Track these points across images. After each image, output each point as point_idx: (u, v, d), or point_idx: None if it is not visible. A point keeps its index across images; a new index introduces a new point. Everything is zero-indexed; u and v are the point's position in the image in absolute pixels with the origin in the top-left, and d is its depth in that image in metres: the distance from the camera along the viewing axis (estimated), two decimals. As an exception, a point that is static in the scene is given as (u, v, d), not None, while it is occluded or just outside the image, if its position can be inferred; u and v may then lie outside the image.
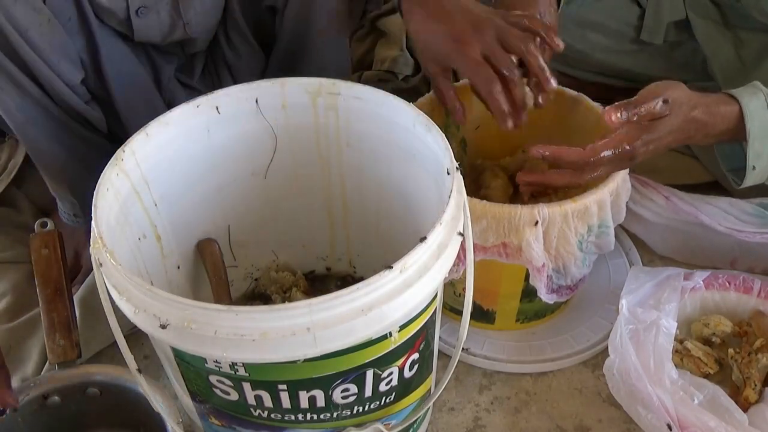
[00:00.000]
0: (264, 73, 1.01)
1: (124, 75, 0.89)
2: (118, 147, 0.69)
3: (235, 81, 0.99)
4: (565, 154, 0.77)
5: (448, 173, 0.64)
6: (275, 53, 0.98)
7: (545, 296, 0.83)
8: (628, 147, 0.76)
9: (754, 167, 0.82)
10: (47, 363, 0.84)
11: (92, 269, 0.62)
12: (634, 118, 0.75)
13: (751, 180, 0.84)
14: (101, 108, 0.90)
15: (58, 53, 0.81)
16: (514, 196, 0.95)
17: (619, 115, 0.74)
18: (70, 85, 0.84)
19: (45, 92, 0.83)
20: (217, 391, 0.63)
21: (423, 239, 0.58)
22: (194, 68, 0.99)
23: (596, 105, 0.92)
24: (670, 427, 0.75)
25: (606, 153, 0.76)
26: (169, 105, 0.88)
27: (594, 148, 0.76)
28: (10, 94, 0.82)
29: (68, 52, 0.83)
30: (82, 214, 0.98)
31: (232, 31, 0.97)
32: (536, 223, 0.77)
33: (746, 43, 1.05)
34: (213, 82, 1.01)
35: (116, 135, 0.93)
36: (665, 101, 0.75)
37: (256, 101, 0.77)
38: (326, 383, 0.61)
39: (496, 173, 0.97)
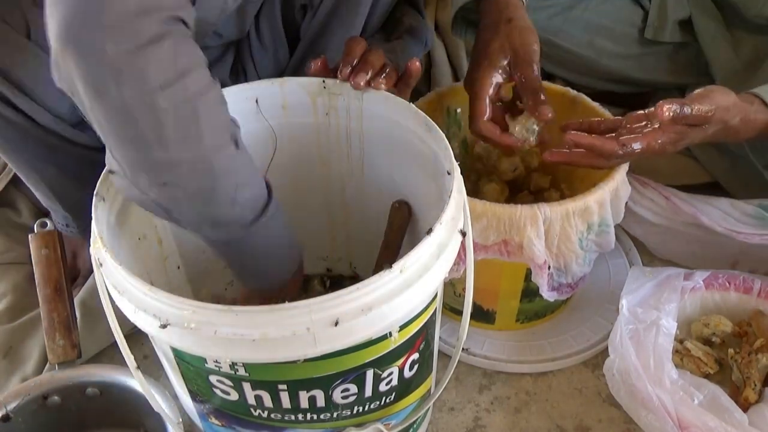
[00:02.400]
0: (284, 72, 1.00)
1: None
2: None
3: (260, 76, 0.99)
4: (598, 145, 0.76)
5: (449, 173, 0.64)
6: (298, 50, 0.97)
7: (546, 294, 0.83)
8: (660, 143, 0.76)
9: None
10: (47, 363, 0.84)
11: (91, 271, 0.61)
12: (681, 119, 0.75)
13: None
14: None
15: (44, 86, 0.78)
16: (510, 200, 0.95)
17: (670, 111, 0.73)
18: (56, 114, 0.82)
19: (30, 120, 0.81)
20: (217, 391, 0.63)
21: (429, 231, 0.58)
22: (226, 61, 0.98)
23: (596, 105, 0.92)
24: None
25: (637, 146, 0.76)
26: None
27: (627, 141, 0.76)
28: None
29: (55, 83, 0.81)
30: (75, 225, 0.97)
31: (265, 24, 0.95)
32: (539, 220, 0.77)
33: (742, 43, 1.06)
34: (238, 78, 1.00)
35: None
36: (712, 111, 0.75)
37: (256, 101, 0.77)
38: (326, 383, 0.61)
39: (491, 178, 0.97)
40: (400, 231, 0.80)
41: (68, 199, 0.92)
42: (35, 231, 0.86)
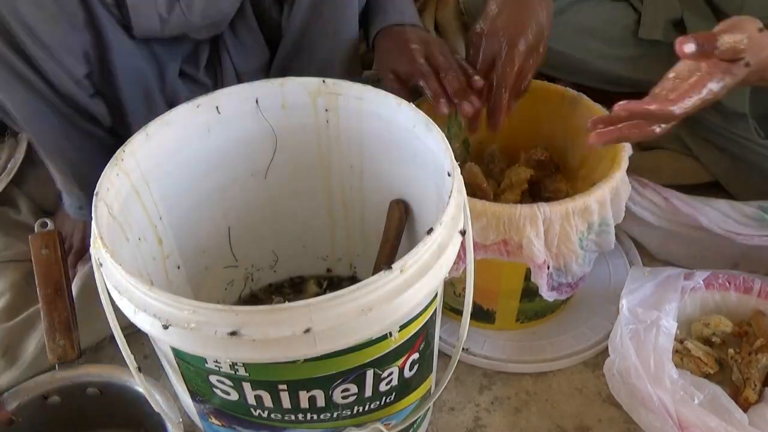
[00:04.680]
0: (269, 68, 1.01)
1: (129, 70, 0.89)
2: (121, 143, 0.69)
3: (237, 73, 1.00)
4: (655, 109, 0.70)
5: (449, 174, 0.64)
6: (282, 48, 0.98)
7: (546, 293, 0.83)
8: (709, 89, 0.70)
9: None
10: (47, 362, 0.84)
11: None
12: (714, 52, 0.68)
13: None
14: (105, 103, 0.91)
15: (63, 48, 0.82)
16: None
17: (690, 46, 0.67)
18: (75, 80, 0.85)
19: (50, 86, 0.84)
20: (218, 391, 0.63)
21: (430, 231, 0.58)
22: (199, 59, 0.99)
23: (597, 105, 0.92)
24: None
25: (689, 101, 0.70)
26: (171, 104, 0.88)
27: (678, 97, 0.70)
28: (17, 88, 0.83)
29: (73, 47, 0.83)
30: (87, 207, 0.98)
31: (239, 21, 0.96)
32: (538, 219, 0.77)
33: None
34: (216, 74, 1.01)
35: (118, 131, 0.93)
36: (744, 40, 0.69)
37: (257, 101, 0.77)
38: (326, 383, 0.61)
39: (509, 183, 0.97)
40: (397, 230, 0.80)
41: (82, 178, 0.95)
42: (36, 231, 0.86)
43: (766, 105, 1.02)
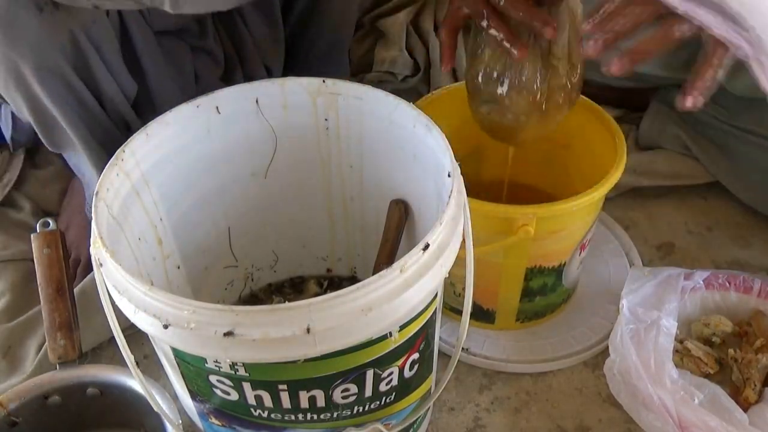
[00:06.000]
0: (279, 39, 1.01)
1: (156, 74, 0.89)
2: None
3: (251, 34, 0.99)
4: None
5: (449, 174, 0.64)
6: (291, 16, 0.98)
7: None
8: None
9: None
10: (48, 362, 0.84)
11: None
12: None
13: None
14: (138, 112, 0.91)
15: (121, 65, 0.81)
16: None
17: None
18: (129, 97, 0.84)
19: (102, 106, 0.83)
20: (218, 391, 0.63)
21: (426, 247, 0.57)
22: (206, 28, 0.98)
23: (600, 108, 0.92)
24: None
25: None
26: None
27: None
28: (72, 109, 0.81)
29: (125, 63, 0.82)
30: None
31: None
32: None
33: None
34: (233, 42, 1.01)
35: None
36: None
37: (257, 101, 0.77)
38: (326, 383, 0.62)
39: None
40: (397, 230, 0.80)
41: None
42: (38, 230, 0.86)
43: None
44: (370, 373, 0.63)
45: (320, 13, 1.00)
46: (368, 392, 0.65)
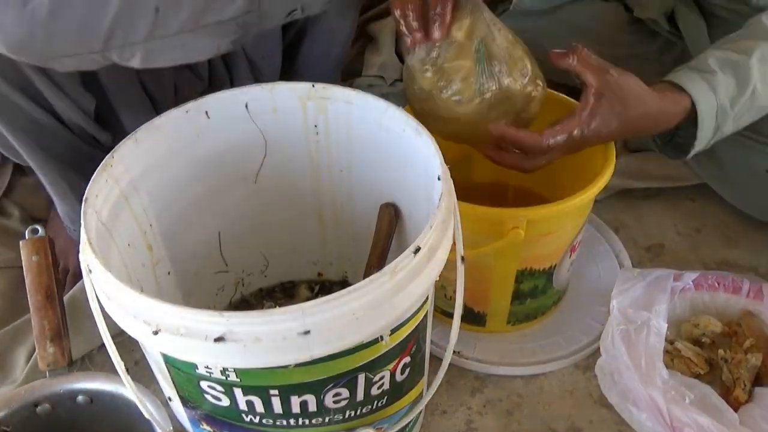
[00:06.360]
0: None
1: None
2: None
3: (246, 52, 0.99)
4: (525, 139, 0.77)
5: (439, 178, 0.64)
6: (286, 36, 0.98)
7: None
8: (579, 133, 0.77)
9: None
10: (37, 370, 0.83)
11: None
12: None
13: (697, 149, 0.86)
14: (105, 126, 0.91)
15: (76, 82, 0.81)
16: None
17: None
18: (87, 112, 0.84)
19: (60, 121, 0.83)
20: (208, 397, 0.63)
21: (417, 251, 0.58)
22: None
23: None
24: None
25: (560, 138, 0.77)
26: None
27: (550, 132, 0.77)
28: (24, 125, 0.82)
29: (82, 77, 0.82)
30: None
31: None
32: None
33: (714, 26, 1.06)
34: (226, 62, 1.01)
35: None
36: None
37: (246, 106, 0.77)
38: (318, 388, 0.61)
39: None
40: (387, 233, 0.80)
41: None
42: (26, 237, 0.85)
43: None
44: (361, 377, 0.62)
45: (314, 32, 1.00)
46: (360, 396, 0.65)
